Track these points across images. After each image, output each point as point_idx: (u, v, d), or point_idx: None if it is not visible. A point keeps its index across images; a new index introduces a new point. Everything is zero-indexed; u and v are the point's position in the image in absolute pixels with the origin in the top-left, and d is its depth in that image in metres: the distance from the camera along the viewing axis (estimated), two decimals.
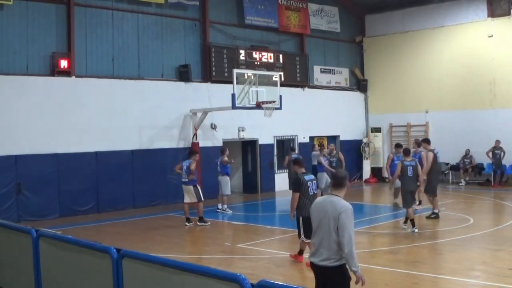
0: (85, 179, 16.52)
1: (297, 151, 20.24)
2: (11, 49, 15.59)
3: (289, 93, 20.63)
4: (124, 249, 5.07)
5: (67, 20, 16.59)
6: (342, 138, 24.57)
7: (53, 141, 15.99)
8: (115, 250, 5.06)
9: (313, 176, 10.03)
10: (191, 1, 19.44)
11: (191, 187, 14.19)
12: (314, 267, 5.70)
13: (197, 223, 14.20)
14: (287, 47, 22.94)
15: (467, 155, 22.21)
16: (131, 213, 16.74)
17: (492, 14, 21.99)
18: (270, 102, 17.40)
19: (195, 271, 4.30)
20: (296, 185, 9.72)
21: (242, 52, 20.88)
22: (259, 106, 17.38)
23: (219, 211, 16.44)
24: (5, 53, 15.49)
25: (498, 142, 21.11)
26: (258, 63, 21.17)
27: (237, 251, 11.33)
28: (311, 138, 23.38)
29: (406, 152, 13.50)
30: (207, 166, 18.29)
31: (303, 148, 22.42)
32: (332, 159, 17.28)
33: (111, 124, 17.24)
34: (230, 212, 16.38)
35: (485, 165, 22.06)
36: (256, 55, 21.29)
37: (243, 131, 20.71)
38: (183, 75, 19.14)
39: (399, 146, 16.22)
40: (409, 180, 12.83)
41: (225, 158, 16.37)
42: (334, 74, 24.90)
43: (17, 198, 15.19)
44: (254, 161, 21.79)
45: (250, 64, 20.73)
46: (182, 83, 19.24)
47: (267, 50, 21.78)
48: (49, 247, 6.15)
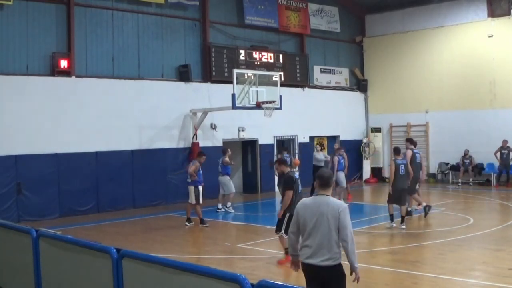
0: (85, 179, 16.50)
1: (297, 151, 20.23)
2: (11, 49, 15.58)
3: (289, 93, 20.61)
4: (124, 249, 5.07)
5: (67, 20, 16.58)
6: (342, 138, 24.53)
7: (53, 141, 15.97)
8: (115, 250, 5.06)
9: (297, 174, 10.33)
10: (191, 1, 19.43)
11: (192, 188, 14.19)
12: (311, 268, 5.62)
13: (199, 225, 14.17)
14: (287, 47, 22.93)
15: (466, 155, 22.14)
16: (131, 213, 16.73)
17: (492, 14, 21.97)
18: (270, 102, 17.40)
19: (195, 271, 4.29)
20: (289, 183, 9.74)
21: (242, 52, 20.87)
22: (259, 106, 17.38)
23: (219, 211, 16.45)
24: (5, 53, 15.47)
25: (505, 142, 20.94)
26: (258, 63, 21.15)
27: (237, 251, 11.33)
28: (311, 138, 23.35)
29: (396, 151, 13.51)
30: (207, 166, 18.20)
31: (303, 148, 22.42)
32: (342, 159, 17.38)
33: (111, 124, 17.23)
34: (233, 211, 16.39)
35: (485, 165, 22.03)
36: (256, 55, 21.27)
37: (243, 131, 20.70)
38: (183, 75, 19.13)
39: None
40: (400, 178, 12.95)
41: (226, 158, 16.37)
42: (334, 74, 24.88)
43: (17, 198, 15.18)
44: (254, 161, 21.77)
45: (250, 64, 20.72)
46: (182, 83, 19.23)
47: (267, 50, 21.76)
48: (49, 247, 6.14)
